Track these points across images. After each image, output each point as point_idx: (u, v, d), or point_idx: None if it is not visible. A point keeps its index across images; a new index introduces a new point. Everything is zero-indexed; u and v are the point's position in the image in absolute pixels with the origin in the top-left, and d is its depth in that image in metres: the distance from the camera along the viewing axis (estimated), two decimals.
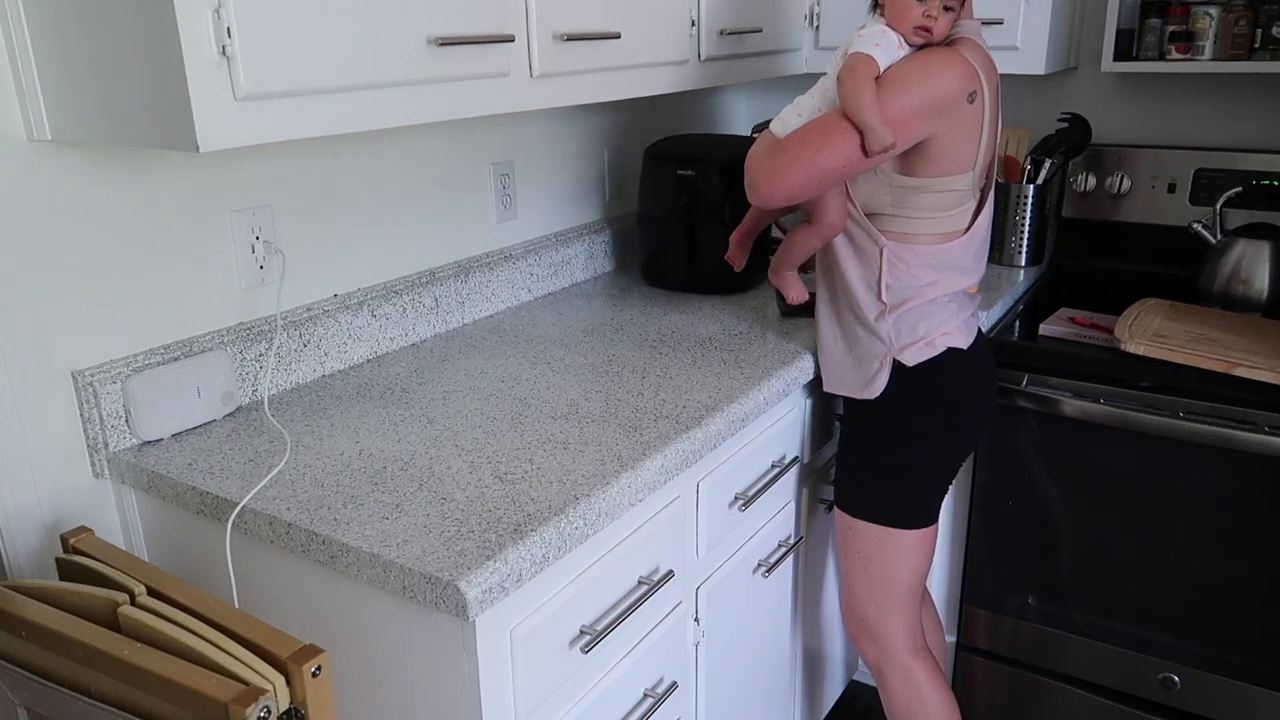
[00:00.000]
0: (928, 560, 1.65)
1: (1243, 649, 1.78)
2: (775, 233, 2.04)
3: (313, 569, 1.15)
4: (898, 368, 1.52)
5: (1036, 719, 2.02)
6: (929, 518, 1.61)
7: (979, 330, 1.60)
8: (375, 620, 1.12)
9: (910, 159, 1.41)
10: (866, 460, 1.60)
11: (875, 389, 1.53)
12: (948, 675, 1.90)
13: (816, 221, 1.48)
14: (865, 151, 1.33)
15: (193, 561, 1.29)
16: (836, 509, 1.67)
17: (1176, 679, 1.85)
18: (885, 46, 1.36)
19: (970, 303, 1.57)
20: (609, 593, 1.26)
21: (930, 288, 1.49)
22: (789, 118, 1.43)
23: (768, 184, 1.40)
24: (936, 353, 1.51)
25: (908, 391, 1.53)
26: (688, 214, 1.99)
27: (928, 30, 1.36)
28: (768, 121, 1.50)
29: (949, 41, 1.40)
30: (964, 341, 1.53)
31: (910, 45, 1.39)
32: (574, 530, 1.13)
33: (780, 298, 1.73)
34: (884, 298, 1.49)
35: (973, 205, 1.48)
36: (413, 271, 1.76)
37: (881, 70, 1.35)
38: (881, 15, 1.40)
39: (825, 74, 1.42)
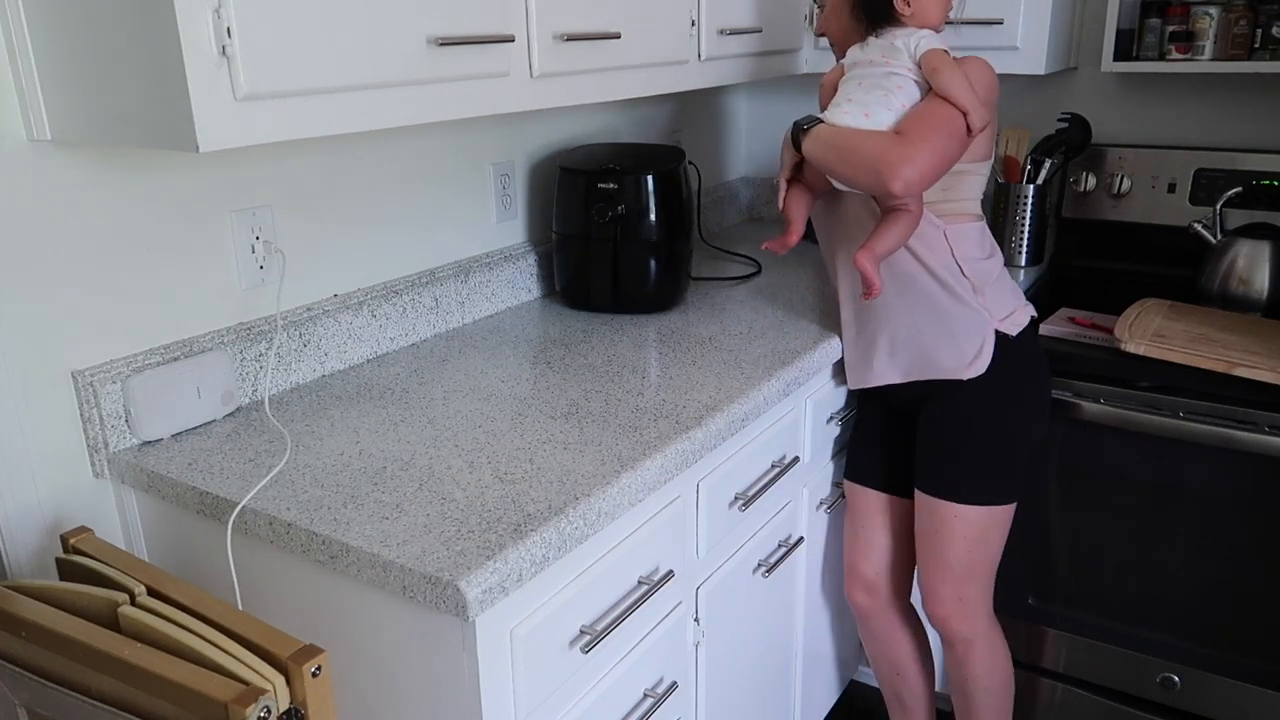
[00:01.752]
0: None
1: (1243, 649, 1.78)
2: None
3: (313, 569, 1.15)
4: (997, 341, 1.56)
5: (1036, 719, 2.02)
6: (1021, 490, 1.65)
7: None
8: (375, 620, 1.12)
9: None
10: (969, 441, 1.61)
11: (981, 364, 1.56)
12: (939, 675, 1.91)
13: (915, 207, 1.51)
14: (969, 130, 1.43)
15: (193, 561, 1.29)
16: (930, 499, 1.64)
17: (1176, 679, 1.85)
18: (945, 44, 1.48)
19: None
20: (609, 593, 1.26)
21: (988, 262, 1.59)
22: (879, 114, 1.45)
23: (912, 167, 1.39)
24: (1025, 324, 1.60)
25: (1008, 363, 1.57)
26: (613, 231, 1.85)
27: (947, 16, 1.54)
28: (810, 119, 1.52)
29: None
30: (1028, 316, 1.63)
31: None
32: (574, 530, 1.13)
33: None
34: (967, 273, 1.56)
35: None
36: (413, 271, 1.76)
37: None
38: (905, 24, 1.50)
39: (870, 76, 1.49)
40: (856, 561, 1.83)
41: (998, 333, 1.56)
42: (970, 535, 1.63)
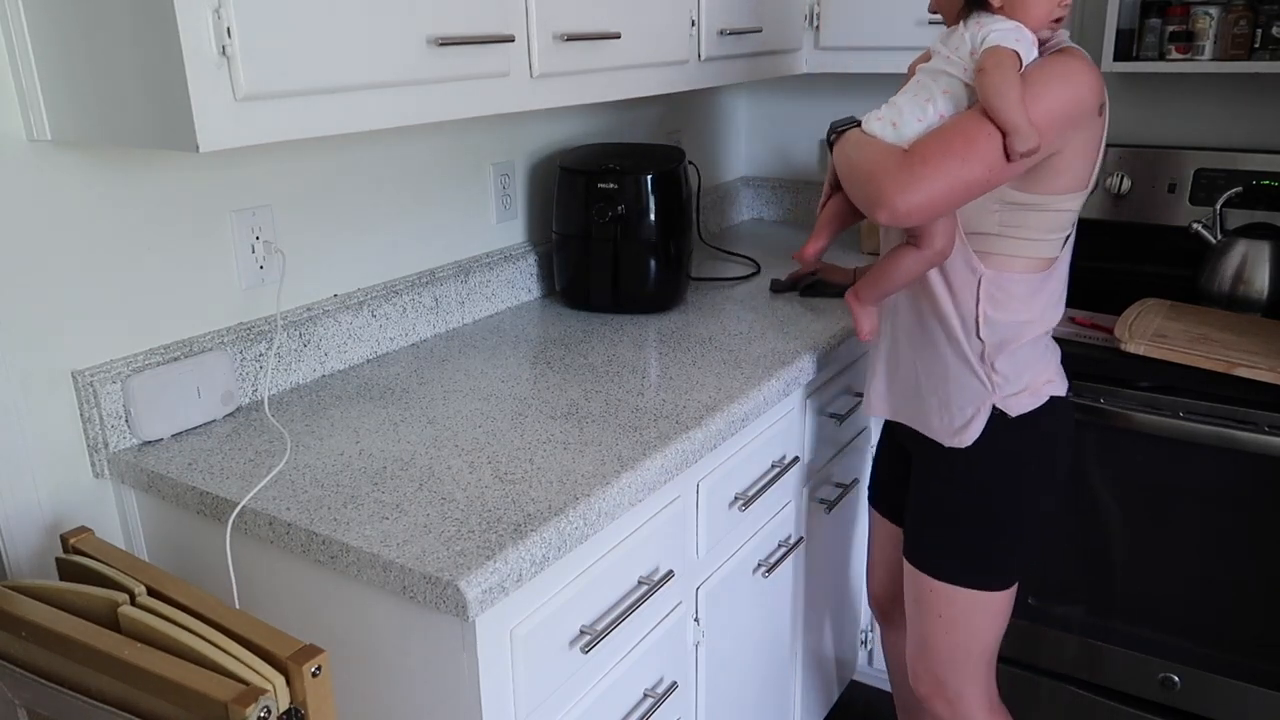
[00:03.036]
0: (1009, 615, 1.50)
1: (1243, 649, 1.78)
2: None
3: (313, 569, 1.15)
4: (995, 416, 1.36)
5: (1037, 718, 2.02)
6: (1019, 575, 1.47)
7: None
8: (375, 620, 1.12)
9: (1030, 172, 1.25)
10: (952, 518, 1.44)
11: (968, 437, 1.37)
12: None
13: (925, 245, 1.29)
14: (1008, 156, 1.19)
15: (193, 561, 1.29)
16: (910, 566, 1.50)
17: (1176, 679, 1.85)
18: (1024, 44, 1.22)
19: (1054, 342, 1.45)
20: (609, 593, 1.26)
21: (1029, 325, 1.34)
22: (907, 123, 1.26)
23: (905, 198, 1.20)
24: (1041, 402, 1.37)
25: (1005, 442, 1.37)
26: (612, 231, 1.85)
27: (1060, 21, 1.27)
28: (848, 120, 1.36)
29: (1061, 50, 1.28)
30: (1064, 387, 1.41)
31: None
32: (574, 530, 1.13)
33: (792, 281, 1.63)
34: (981, 334, 1.34)
35: (1070, 230, 1.35)
36: (413, 271, 1.76)
37: (1021, 69, 1.21)
38: (994, 12, 1.24)
39: (925, 74, 1.29)
40: (867, 573, 1.81)
41: (995, 408, 1.36)
42: (949, 616, 1.47)
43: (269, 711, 0.89)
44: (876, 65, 2.11)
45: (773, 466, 1.62)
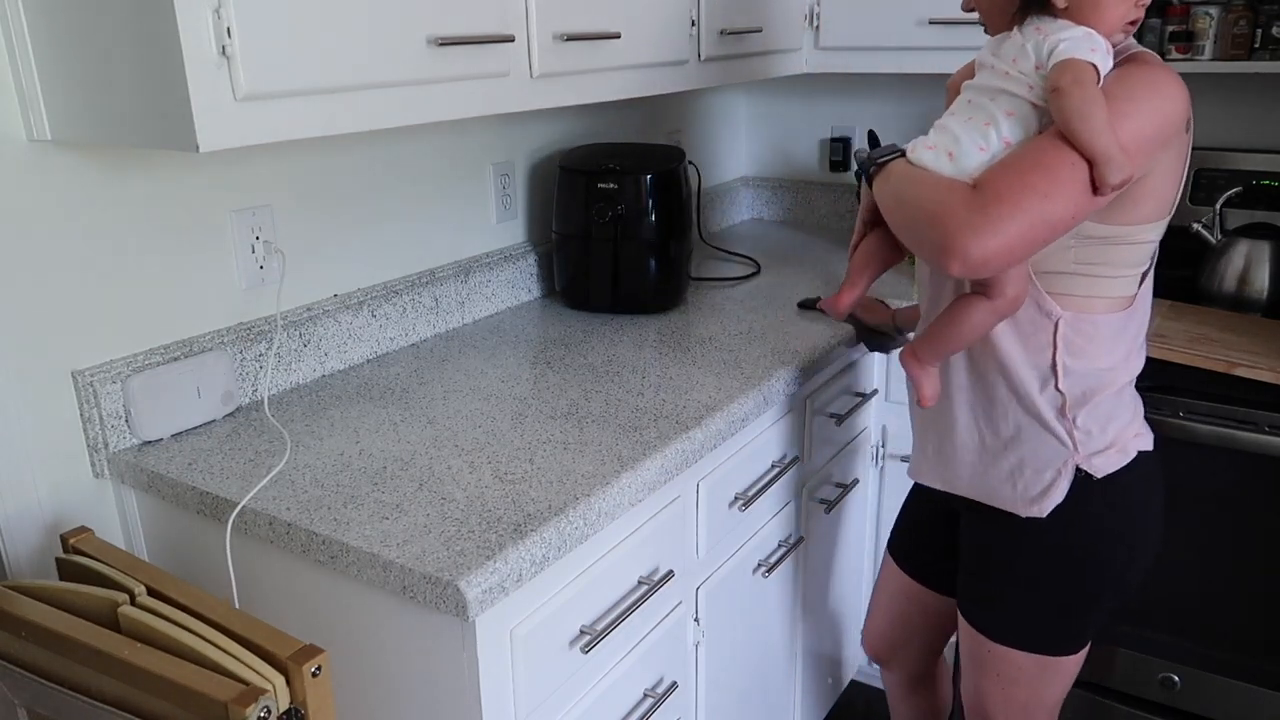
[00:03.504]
0: (1075, 676, 1.37)
1: (1243, 649, 1.78)
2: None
3: (313, 569, 1.15)
4: (1079, 477, 1.21)
5: None
6: (1089, 637, 1.33)
7: None
8: (375, 620, 1.12)
9: (1113, 203, 1.08)
10: (1027, 582, 1.28)
11: (1049, 504, 1.21)
12: (948, 675, 1.89)
13: (997, 294, 1.11)
14: (1095, 189, 1.02)
15: (193, 561, 1.29)
16: (972, 628, 1.35)
17: (1176, 679, 1.85)
18: (1101, 54, 1.04)
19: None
20: (609, 593, 1.26)
21: (1113, 372, 1.19)
22: (967, 153, 1.08)
23: (979, 244, 1.00)
24: (1129, 459, 1.21)
25: (1091, 505, 1.21)
26: (613, 231, 1.83)
27: (1134, 23, 1.11)
28: (888, 150, 1.17)
29: (1132, 56, 1.13)
30: (1150, 440, 1.25)
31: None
32: (574, 530, 1.13)
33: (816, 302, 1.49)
34: (1061, 386, 1.18)
35: (1151, 262, 1.20)
36: (413, 271, 1.76)
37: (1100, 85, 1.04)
38: (1058, 15, 1.08)
39: (981, 91, 1.11)
40: (866, 618, 1.68)
41: (1079, 469, 1.20)
42: (1011, 677, 1.33)
43: (269, 711, 0.89)
44: (877, 65, 2.11)
45: (773, 466, 1.62)
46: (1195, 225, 2.02)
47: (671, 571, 1.35)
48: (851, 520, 2.01)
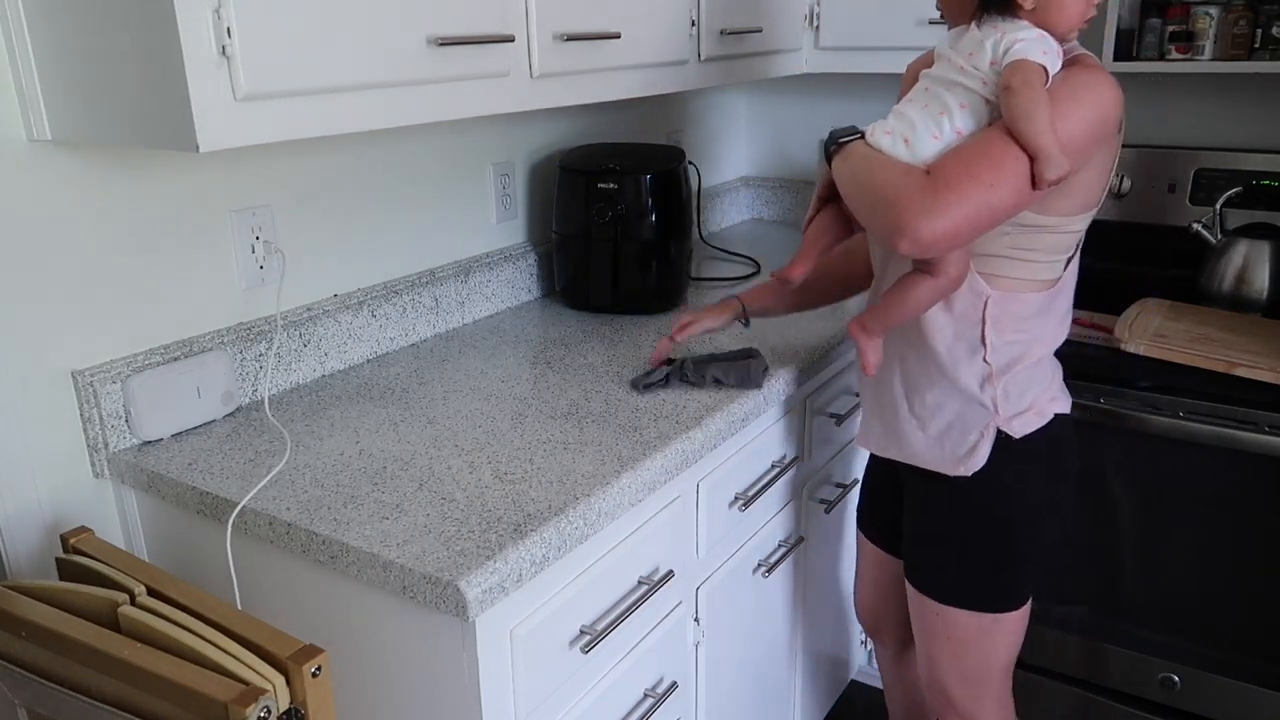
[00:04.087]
0: (1024, 631, 1.45)
1: (1243, 649, 1.78)
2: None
3: (313, 569, 1.15)
4: (999, 439, 1.32)
5: (1037, 718, 2.02)
6: (1028, 592, 1.42)
7: None
8: (375, 620, 1.12)
9: (1048, 194, 1.17)
10: (963, 542, 1.38)
11: (974, 463, 1.32)
12: None
13: (940, 273, 1.20)
14: (1035, 184, 1.11)
15: (193, 561, 1.29)
16: (919, 594, 1.44)
17: (1176, 679, 1.85)
18: (1052, 56, 1.12)
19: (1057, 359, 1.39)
20: (609, 593, 1.26)
21: (1034, 344, 1.30)
22: (922, 140, 1.16)
23: (930, 226, 1.10)
24: (1045, 421, 1.32)
25: (1013, 464, 1.33)
26: (613, 231, 1.84)
27: (1089, 22, 1.19)
28: (849, 131, 1.25)
29: (1075, 57, 1.20)
30: (1067, 404, 1.37)
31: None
32: (574, 530, 1.13)
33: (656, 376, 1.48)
34: (987, 358, 1.28)
35: (1077, 248, 1.31)
36: (413, 271, 1.76)
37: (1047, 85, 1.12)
38: (1018, 16, 1.15)
39: (936, 82, 1.19)
40: (855, 590, 1.76)
41: (1000, 431, 1.31)
42: (960, 638, 1.42)
43: (269, 711, 0.89)
44: (877, 65, 2.11)
45: (773, 466, 1.62)
46: (1195, 225, 2.02)
47: (671, 571, 1.35)
48: (851, 520, 2.01)
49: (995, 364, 1.29)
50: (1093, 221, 1.25)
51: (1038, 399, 1.33)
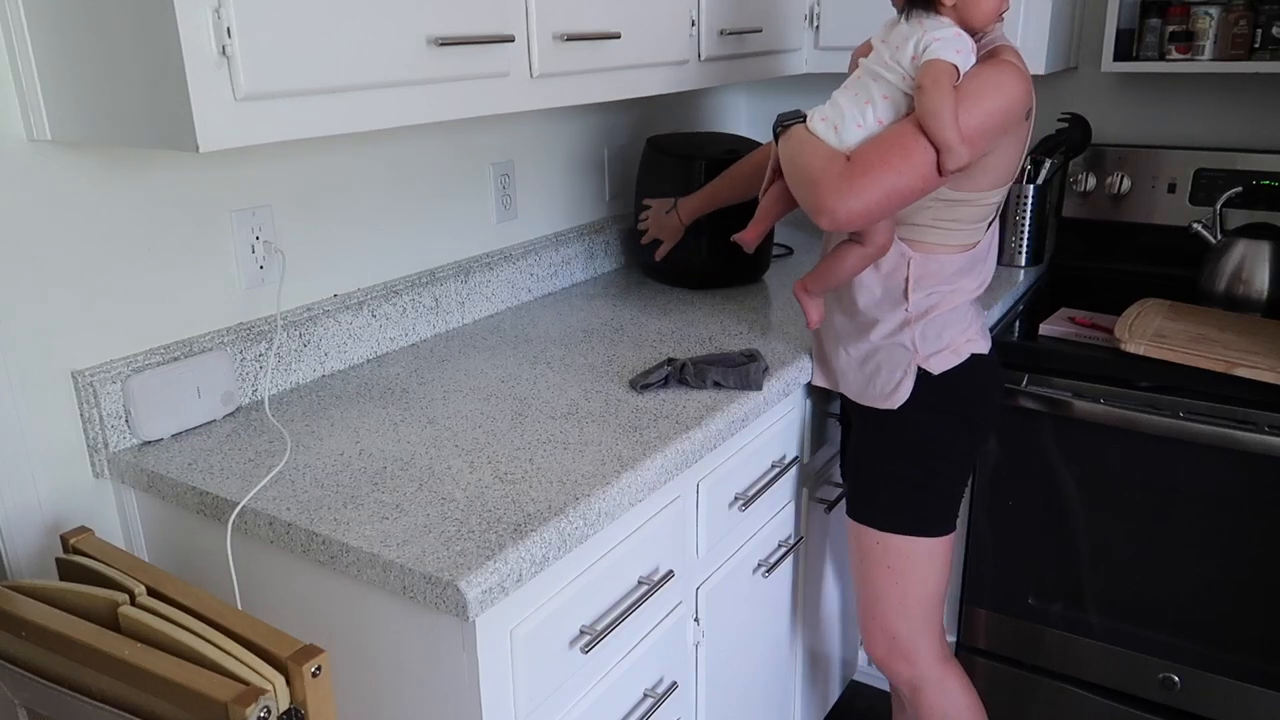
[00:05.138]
0: (950, 566, 1.60)
1: (1243, 649, 1.78)
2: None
3: (313, 569, 1.15)
4: (921, 376, 1.48)
5: (1037, 718, 2.02)
6: (953, 522, 1.57)
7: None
8: (375, 620, 1.12)
9: (961, 174, 1.34)
10: (890, 470, 1.54)
11: (899, 398, 1.49)
12: None
13: (869, 243, 1.40)
14: (940, 171, 1.27)
15: (193, 561, 1.29)
16: (855, 524, 1.59)
17: (1176, 679, 1.85)
18: (965, 53, 1.27)
19: (983, 307, 1.53)
20: (609, 593, 1.26)
21: (952, 294, 1.46)
22: (847, 128, 1.33)
23: (845, 207, 1.28)
24: (961, 359, 1.48)
25: (931, 399, 1.49)
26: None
27: (1004, 13, 1.32)
28: (793, 114, 1.40)
29: (994, 49, 1.34)
30: (985, 345, 1.52)
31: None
32: (574, 530, 1.13)
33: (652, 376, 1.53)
34: (908, 308, 1.46)
35: (995, 215, 1.48)
36: (413, 271, 1.76)
37: (958, 80, 1.27)
38: (939, 12, 1.29)
39: (864, 72, 1.34)
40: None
41: (920, 369, 1.47)
42: (896, 565, 1.56)
43: (269, 711, 0.89)
44: None
45: (772, 466, 1.62)
46: (1195, 225, 2.02)
47: (671, 571, 1.35)
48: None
49: (914, 312, 1.46)
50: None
51: (954, 340, 1.48)
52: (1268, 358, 1.64)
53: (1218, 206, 2.01)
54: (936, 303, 1.46)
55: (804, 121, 1.39)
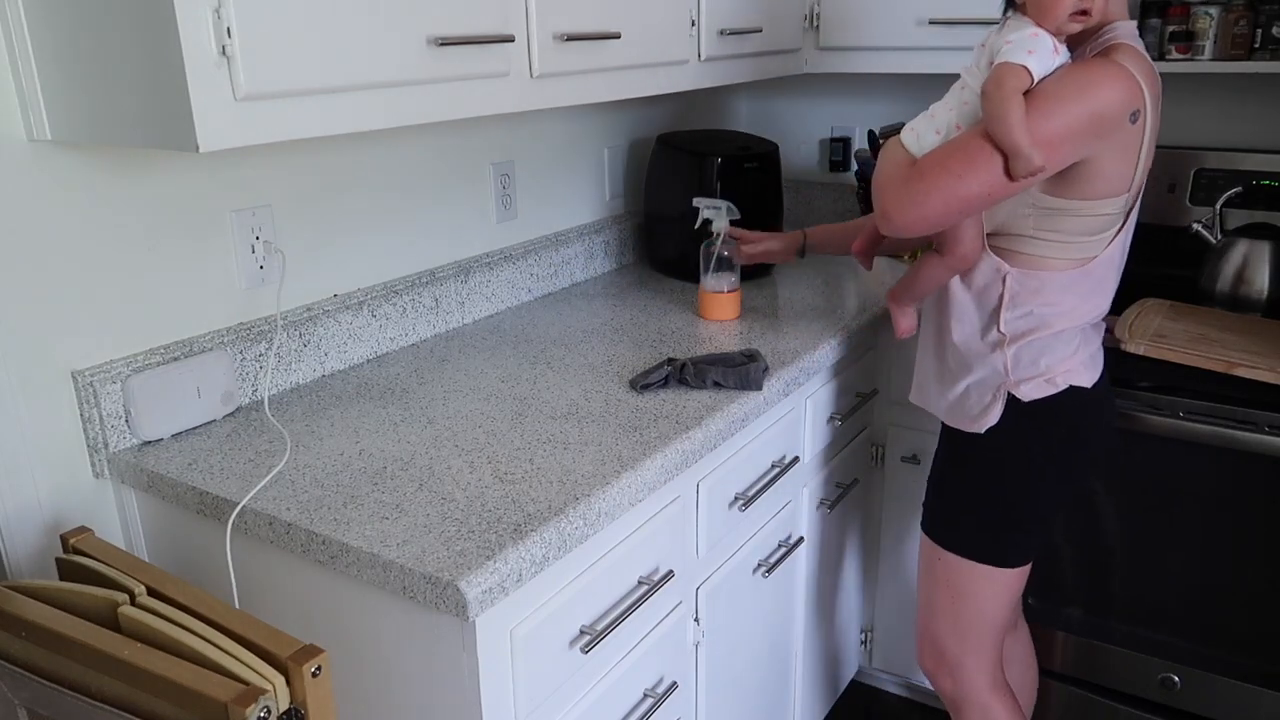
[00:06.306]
0: (1019, 595, 1.56)
1: (1243, 649, 1.78)
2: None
3: (313, 569, 1.15)
4: (1012, 402, 1.40)
5: (1037, 719, 2.02)
6: (1027, 556, 1.51)
7: (1103, 365, 1.47)
8: (375, 620, 1.12)
9: (1060, 179, 1.27)
10: (971, 495, 1.49)
11: (987, 422, 1.42)
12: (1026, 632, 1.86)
13: (949, 253, 1.36)
14: (1010, 176, 1.21)
15: (193, 561, 1.29)
16: (926, 536, 1.56)
17: (1176, 679, 1.85)
18: (1040, 54, 1.21)
19: (1097, 334, 1.45)
20: (609, 593, 1.26)
21: (1054, 317, 1.37)
22: (926, 134, 1.30)
23: (902, 213, 1.27)
24: (1057, 390, 1.39)
25: (1022, 428, 1.41)
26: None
27: (1085, 14, 1.23)
28: (896, 127, 1.37)
29: (1106, 49, 1.26)
30: (1088, 379, 1.41)
31: (1062, 45, 1.25)
32: (574, 530, 1.13)
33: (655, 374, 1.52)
34: (1003, 328, 1.38)
35: (1116, 229, 1.35)
36: (413, 271, 1.76)
37: (1035, 82, 1.21)
38: (1023, 13, 1.25)
39: (960, 80, 1.30)
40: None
41: (1010, 394, 1.40)
42: (957, 586, 1.51)
43: (269, 711, 0.89)
44: (877, 65, 2.11)
45: (773, 466, 1.62)
46: (1195, 225, 2.02)
47: (671, 571, 1.35)
48: (851, 520, 2.01)
49: (1009, 332, 1.38)
50: None
51: (1052, 368, 1.39)
52: (1268, 358, 1.64)
53: (1218, 206, 2.01)
54: (1035, 325, 1.37)
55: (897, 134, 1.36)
